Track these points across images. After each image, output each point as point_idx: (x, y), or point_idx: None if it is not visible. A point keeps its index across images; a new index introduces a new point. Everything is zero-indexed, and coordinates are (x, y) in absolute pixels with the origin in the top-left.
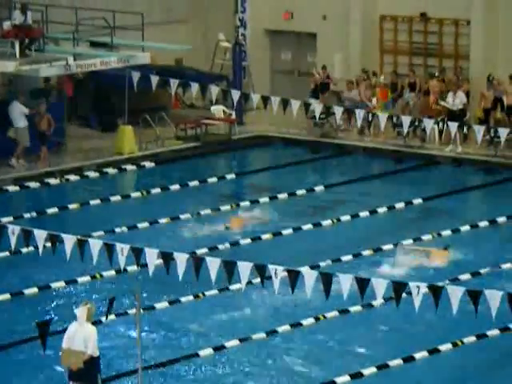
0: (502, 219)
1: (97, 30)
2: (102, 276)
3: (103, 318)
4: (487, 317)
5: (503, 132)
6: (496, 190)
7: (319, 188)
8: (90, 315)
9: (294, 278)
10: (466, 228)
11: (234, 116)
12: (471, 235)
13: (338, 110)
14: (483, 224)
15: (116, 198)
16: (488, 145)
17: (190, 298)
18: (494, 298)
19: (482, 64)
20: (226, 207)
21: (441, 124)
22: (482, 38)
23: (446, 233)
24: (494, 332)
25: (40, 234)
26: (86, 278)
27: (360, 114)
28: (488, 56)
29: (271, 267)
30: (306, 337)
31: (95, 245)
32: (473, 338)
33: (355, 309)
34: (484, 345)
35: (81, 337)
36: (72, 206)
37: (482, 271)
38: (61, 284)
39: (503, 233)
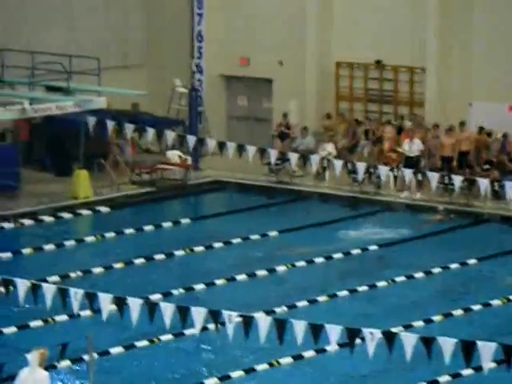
0: (455, 265)
1: (53, 74)
2: (54, 321)
3: (56, 363)
4: (441, 362)
5: (457, 179)
6: (449, 237)
7: (273, 233)
8: (43, 360)
9: (247, 323)
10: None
11: (189, 161)
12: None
13: (293, 156)
14: (437, 270)
15: (70, 243)
16: (443, 192)
17: (145, 342)
18: (446, 344)
19: (437, 111)
20: (180, 252)
21: (396, 171)
22: (437, 86)
23: (400, 279)
24: (445, 378)
25: None
26: (39, 323)
27: (314, 160)
28: (442, 103)
29: (226, 313)
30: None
31: (49, 289)
32: None
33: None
34: None
35: (33, 382)
36: (26, 251)
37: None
38: (13, 329)
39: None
